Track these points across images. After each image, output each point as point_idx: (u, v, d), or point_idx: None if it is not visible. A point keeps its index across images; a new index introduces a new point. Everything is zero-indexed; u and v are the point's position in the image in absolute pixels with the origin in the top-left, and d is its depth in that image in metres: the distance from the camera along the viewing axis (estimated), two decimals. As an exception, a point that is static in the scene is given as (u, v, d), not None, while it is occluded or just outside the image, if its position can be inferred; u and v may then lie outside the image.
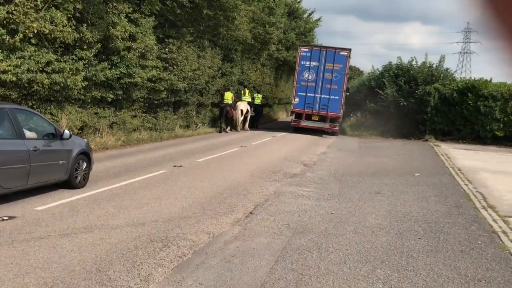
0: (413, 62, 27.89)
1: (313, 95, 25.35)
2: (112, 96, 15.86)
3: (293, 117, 26.17)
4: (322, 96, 25.21)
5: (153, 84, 17.98)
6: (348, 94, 26.40)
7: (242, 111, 25.75)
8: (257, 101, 29.19)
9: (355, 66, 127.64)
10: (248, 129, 26.64)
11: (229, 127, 25.21)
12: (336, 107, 25.08)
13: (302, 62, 25.64)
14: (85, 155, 9.52)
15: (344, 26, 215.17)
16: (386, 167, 15.06)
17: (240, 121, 25.47)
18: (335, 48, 25.27)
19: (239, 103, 25.66)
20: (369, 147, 21.38)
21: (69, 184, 9.11)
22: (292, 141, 22.77)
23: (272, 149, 18.63)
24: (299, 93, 25.73)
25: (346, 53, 24.99)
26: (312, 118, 25.52)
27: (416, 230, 7.82)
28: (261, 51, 30.98)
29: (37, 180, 8.18)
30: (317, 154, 18.06)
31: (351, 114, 32.17)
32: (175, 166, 12.87)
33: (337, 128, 25.41)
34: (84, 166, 9.47)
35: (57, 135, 8.72)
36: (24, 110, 8.57)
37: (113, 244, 6.20)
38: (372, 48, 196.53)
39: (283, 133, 26.47)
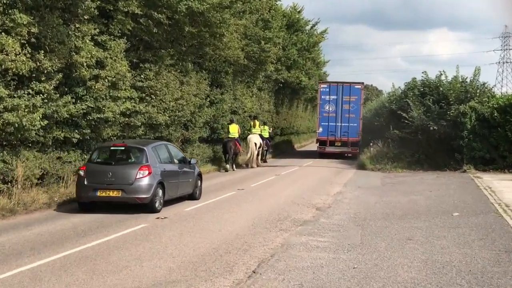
0: (442, 77, 28.22)
1: (334, 124, 34.70)
2: (78, 136, 15.94)
3: (318, 144, 35.93)
4: (343, 124, 34.60)
5: (127, 118, 18.12)
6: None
7: (255, 144, 27.49)
8: (265, 134, 30.53)
9: (371, 85, 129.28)
10: (260, 164, 28.83)
11: (233, 165, 26.34)
12: (355, 132, 34.56)
13: (323, 97, 35.07)
14: (199, 175, 16.76)
15: (354, 37, 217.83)
16: (417, 207, 15.06)
17: (255, 156, 27.78)
18: (350, 83, 35.59)
19: (251, 137, 27.72)
20: (395, 183, 21.42)
21: (192, 196, 16.05)
22: (300, 179, 22.85)
23: (277, 191, 18.68)
24: (322, 123, 35.07)
25: (360, 87, 35.11)
26: (336, 144, 34.88)
27: (459, 283, 7.81)
28: (256, 73, 31.41)
29: (181, 192, 15.47)
30: (331, 194, 18.09)
31: (371, 144, 32.34)
32: (158, 218, 12.88)
33: (357, 151, 33.66)
34: (199, 184, 16.61)
35: (186, 161, 16.14)
36: (168, 143, 16.73)
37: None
38: (390, 62, 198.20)
39: (290, 170, 26.73)
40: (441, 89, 27.47)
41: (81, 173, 13.91)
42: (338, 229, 11.92)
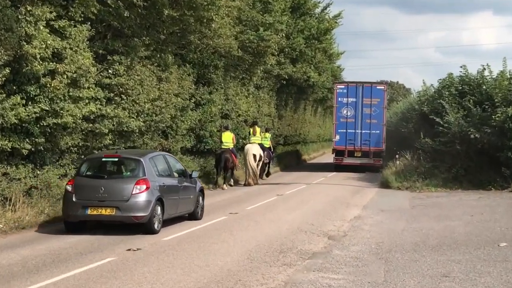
0: (486, 72, 28.27)
1: (353, 131, 36.20)
2: (29, 147, 15.86)
3: (334, 155, 37.24)
4: (363, 131, 36.16)
5: (91, 124, 18.07)
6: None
7: (255, 156, 27.63)
8: (266, 143, 30.69)
9: (397, 83, 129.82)
10: (259, 181, 28.85)
11: (231, 181, 26.76)
12: (378, 141, 36.04)
13: (339, 99, 36.86)
14: (202, 191, 17.85)
15: (376, 23, 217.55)
16: (455, 235, 15.00)
17: (255, 170, 27.96)
18: (371, 83, 37.63)
19: (249, 147, 27.82)
20: (426, 205, 21.38)
21: (193, 216, 17.11)
22: (309, 200, 22.86)
23: (279, 215, 18.64)
24: (339, 130, 36.63)
25: (382, 87, 37.20)
26: (355, 155, 36.39)
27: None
28: (254, 67, 31.37)
29: (182, 210, 16.49)
30: (348, 219, 18.05)
31: (396, 156, 32.31)
32: (129, 250, 12.78)
33: (381, 163, 35.16)
34: (201, 201, 17.63)
35: (187, 174, 17.14)
36: (166, 154, 18.05)
37: None
38: (421, 53, 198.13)
39: (296, 188, 26.73)
40: (484, 87, 27.51)
41: (69, 188, 14.77)
42: (356, 263, 11.85)
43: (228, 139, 26.26)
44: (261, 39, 29.41)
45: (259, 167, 29.05)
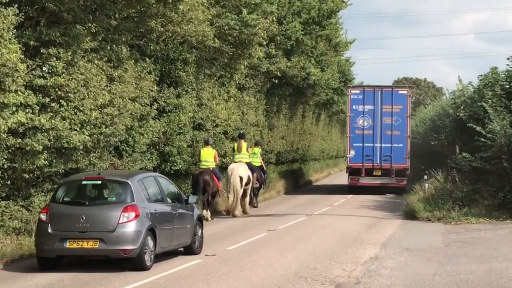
0: (541, 66, 28.51)
1: (371, 145, 39.24)
2: None
3: (349, 174, 40.28)
4: (383, 145, 39.05)
5: (20, 139, 18.09)
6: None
7: (241, 179, 27.68)
8: (255, 161, 31.15)
9: (425, 80, 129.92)
10: (247, 211, 29.24)
11: (209, 212, 26.81)
12: (401, 156, 38.82)
13: (354, 107, 39.94)
14: (200, 220, 19.45)
15: (398, 3, 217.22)
16: (504, 282, 15.05)
17: (239, 197, 27.99)
18: (392, 87, 41.17)
19: (234, 167, 28.01)
20: (465, 242, 21.48)
21: (189, 249, 18.49)
22: (309, 237, 22.96)
23: (270, 257, 18.66)
24: (354, 144, 39.61)
25: (406, 92, 40.22)
26: (374, 174, 39.40)
27: None
28: (235, 62, 31.35)
29: (176, 242, 17.77)
30: (361, 261, 18.10)
31: (425, 176, 32.48)
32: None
33: (405, 183, 38.34)
34: (200, 232, 19.15)
35: (182, 199, 18.50)
36: (158, 174, 19.39)
37: None
38: (456, 41, 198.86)
39: (293, 221, 26.81)
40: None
41: (43, 217, 15.97)
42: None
43: (208, 156, 26.60)
44: (245, 24, 29.31)
45: (248, 192, 29.24)
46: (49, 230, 15.49)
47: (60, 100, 19.41)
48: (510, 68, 29.07)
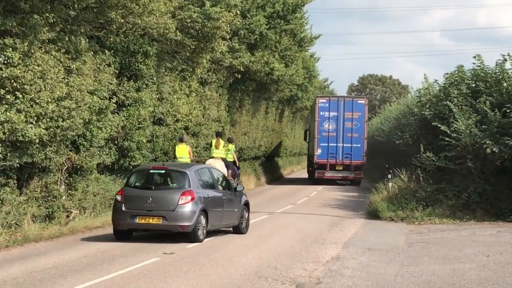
0: (507, 65, 28.65)
1: (335, 144, 48.36)
2: None
3: (316, 169, 49.38)
4: (345, 145, 48.32)
5: (-27, 132, 17.89)
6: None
7: None
8: (229, 157, 31.39)
9: (390, 77, 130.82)
10: None
11: None
12: (359, 154, 48.42)
13: (321, 113, 48.79)
14: (246, 205, 23.78)
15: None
16: (466, 283, 15.09)
17: None
18: (352, 97, 58.39)
19: (211, 162, 28.76)
20: (428, 243, 21.61)
21: (237, 229, 23.15)
22: (271, 235, 23.08)
23: (230, 256, 18.68)
24: (321, 144, 48.60)
25: (363, 101, 49.95)
26: (337, 168, 48.82)
27: None
28: (198, 55, 31.34)
29: (225, 222, 22.70)
30: (323, 261, 18.11)
31: (388, 176, 32.53)
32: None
33: (362, 176, 49.81)
34: (246, 215, 23.67)
35: (231, 187, 23.35)
36: (211, 166, 25.26)
37: None
38: (423, 38, 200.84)
39: (255, 219, 26.69)
40: (505, 84, 27.82)
41: (118, 198, 20.84)
42: (333, 321, 11.89)
43: (183, 153, 27.66)
44: (208, 17, 29.37)
45: None
46: (123, 208, 20.30)
47: (16, 92, 19.34)
48: (476, 67, 29.18)
